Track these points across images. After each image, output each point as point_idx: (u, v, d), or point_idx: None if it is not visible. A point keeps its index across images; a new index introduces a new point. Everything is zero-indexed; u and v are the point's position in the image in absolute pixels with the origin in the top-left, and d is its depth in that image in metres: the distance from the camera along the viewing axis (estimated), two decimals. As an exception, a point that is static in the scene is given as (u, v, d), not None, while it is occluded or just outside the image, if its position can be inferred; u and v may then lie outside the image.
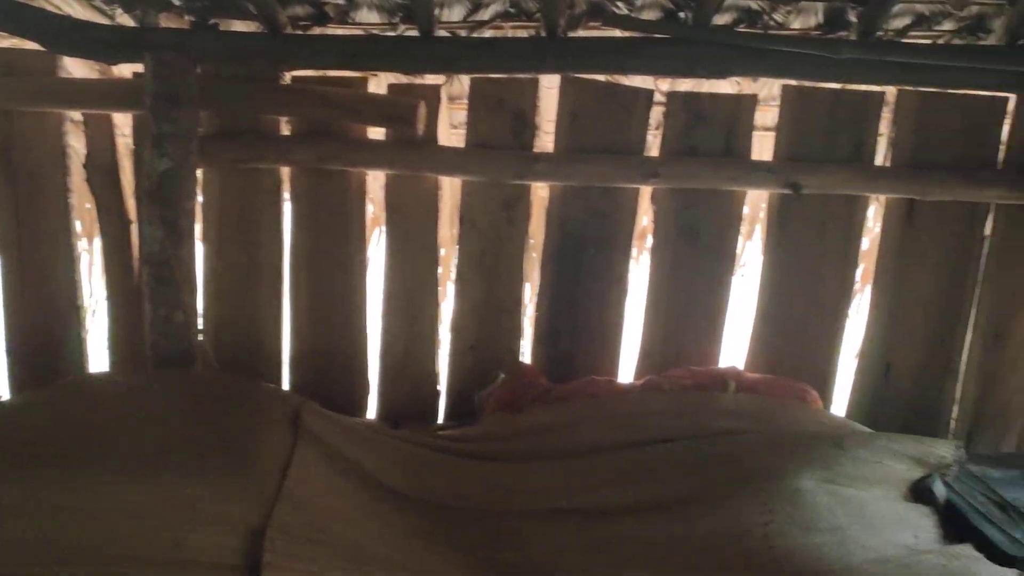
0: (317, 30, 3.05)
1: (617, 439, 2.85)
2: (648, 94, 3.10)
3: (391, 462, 2.78)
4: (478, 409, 3.19)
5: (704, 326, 3.25)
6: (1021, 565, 2.36)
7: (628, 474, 2.72)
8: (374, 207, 3.52)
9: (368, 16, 3.06)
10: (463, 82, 3.24)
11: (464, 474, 2.80)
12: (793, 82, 3.06)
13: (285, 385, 3.33)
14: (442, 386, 3.36)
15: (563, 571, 2.38)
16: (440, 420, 3.35)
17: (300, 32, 3.05)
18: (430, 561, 2.36)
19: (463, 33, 3.05)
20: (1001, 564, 2.36)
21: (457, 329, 3.31)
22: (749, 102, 3.11)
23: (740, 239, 3.66)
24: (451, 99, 3.39)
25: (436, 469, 2.81)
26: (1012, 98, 3.02)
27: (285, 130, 3.19)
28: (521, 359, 3.32)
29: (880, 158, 3.15)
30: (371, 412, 3.37)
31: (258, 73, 3.02)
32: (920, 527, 2.55)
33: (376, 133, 3.19)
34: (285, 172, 3.23)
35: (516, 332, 3.30)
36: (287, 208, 3.26)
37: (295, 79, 3.11)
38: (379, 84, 3.21)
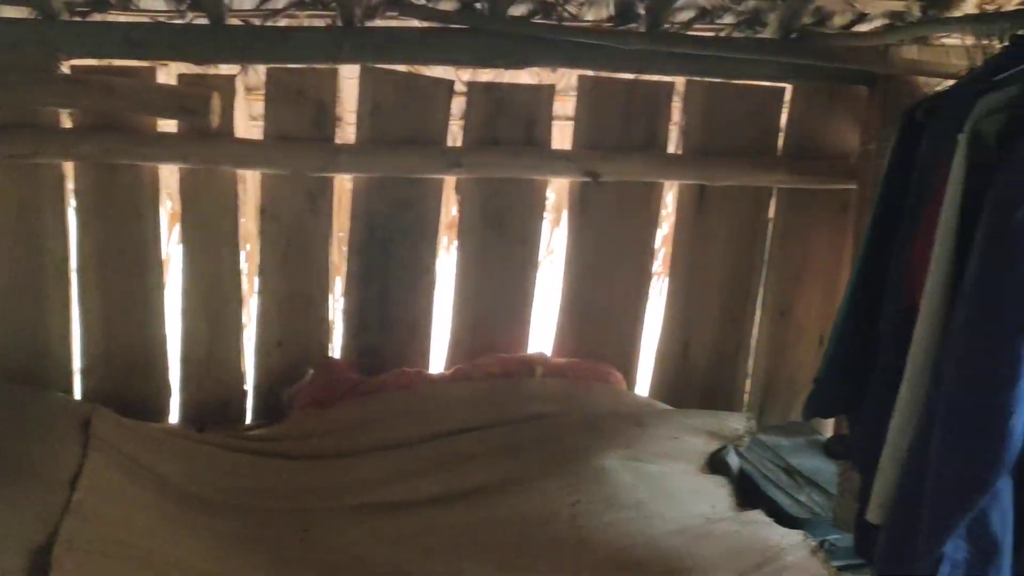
0: (97, 16, 2.87)
1: (427, 430, 2.87)
2: (449, 84, 3.11)
3: (194, 466, 2.70)
4: (287, 407, 3.12)
5: (512, 313, 3.30)
6: (805, 525, 2.52)
7: (439, 464, 2.74)
8: (172, 203, 3.38)
9: (153, 3, 2.92)
10: (260, 72, 3.14)
11: (272, 474, 2.75)
12: (589, 72, 3.14)
13: (77, 394, 3.14)
14: (249, 385, 3.26)
15: (375, 565, 2.36)
16: (248, 420, 3.26)
17: (78, 19, 2.87)
18: (235, 565, 2.29)
19: (256, 22, 2.96)
20: (788, 526, 2.52)
21: (263, 325, 3.22)
22: (548, 92, 3.17)
23: (548, 226, 3.74)
24: (249, 90, 3.29)
25: (242, 471, 2.74)
26: (788, 88, 3.21)
27: (68, 123, 3.00)
28: (331, 353, 3.27)
29: (673, 146, 3.29)
30: (174, 416, 3.23)
31: (33, 63, 2.82)
32: (716, 497, 2.69)
33: (168, 125, 3.05)
34: (69, 168, 3.04)
35: (325, 326, 3.25)
36: (73, 206, 3.08)
37: (76, 69, 2.93)
38: (169, 74, 3.08)
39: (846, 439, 2.07)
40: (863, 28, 3.02)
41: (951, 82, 2.08)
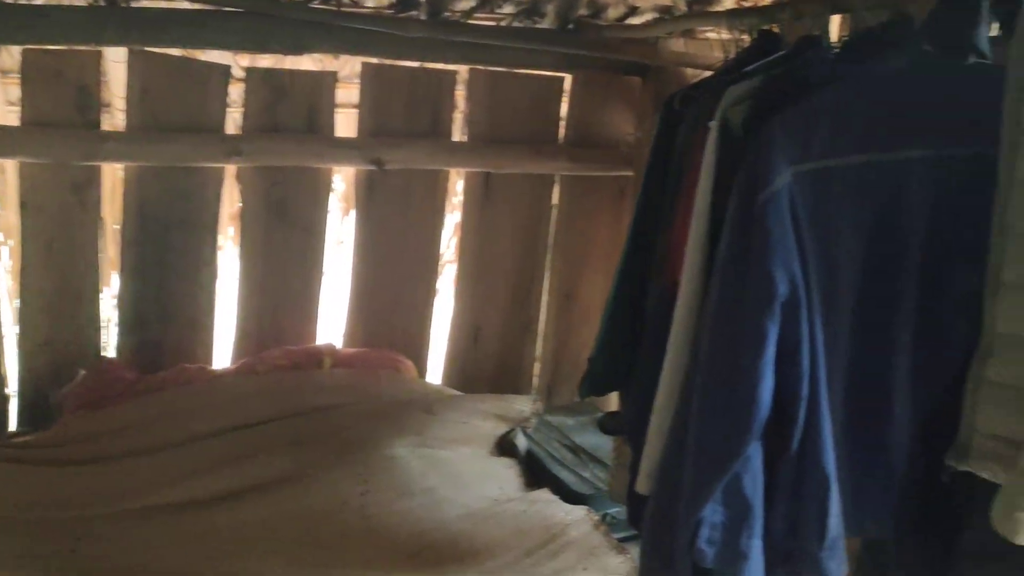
0: None
1: (211, 427, 2.78)
2: (224, 69, 3.01)
3: (-51, 481, 2.49)
4: (57, 411, 2.93)
5: (300, 304, 3.23)
6: (588, 501, 2.62)
7: (223, 461, 2.65)
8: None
9: None
10: (14, 53, 2.92)
11: (40, 483, 2.58)
12: (373, 60, 3.12)
13: None
14: (12, 389, 3.03)
15: (154, 571, 2.26)
16: (13, 427, 3.03)
17: None
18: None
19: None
20: (573, 502, 2.61)
21: (27, 325, 3.01)
22: (330, 79, 3.12)
23: (340, 215, 3.69)
24: (3, 72, 3.06)
25: (6, 482, 2.55)
26: (567, 78, 3.31)
27: None
28: (105, 352, 3.10)
29: (458, 134, 3.32)
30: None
31: None
32: (505, 479, 2.75)
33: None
34: None
35: (96, 323, 3.07)
36: None
37: None
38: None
39: (618, 415, 2.15)
40: (635, 21, 3.14)
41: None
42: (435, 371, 3.44)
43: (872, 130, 1.57)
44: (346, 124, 3.30)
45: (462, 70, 3.24)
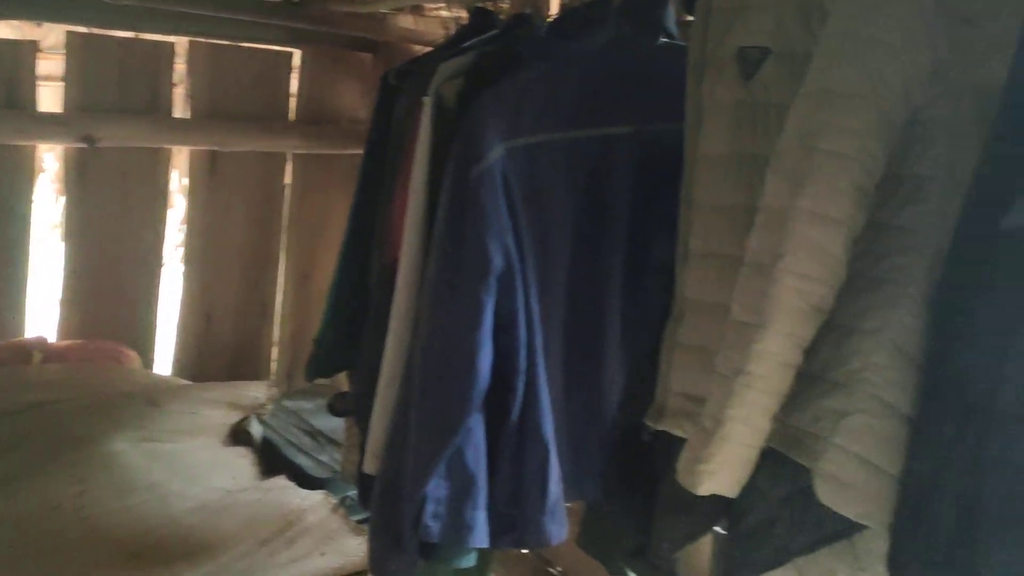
0: None
1: None
2: (-100, 35, 2.69)
3: None
4: None
5: (3, 296, 2.95)
6: (326, 485, 2.58)
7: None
8: None
9: None
10: None
11: None
12: (80, 28, 2.89)
13: None
14: None
15: None
16: None
17: None
18: None
19: None
20: (311, 487, 2.56)
21: None
22: (29, 48, 2.85)
23: (54, 196, 3.41)
24: None
25: None
26: (296, 53, 3.22)
27: None
28: None
29: (179, 110, 3.14)
30: None
31: None
32: (238, 468, 2.66)
33: None
34: None
35: None
36: None
37: None
38: None
39: (347, 396, 2.13)
40: (364, -4, 3.10)
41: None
42: (164, 361, 3.26)
43: (580, 106, 1.63)
44: (53, 98, 3.04)
45: (182, 42, 3.07)
